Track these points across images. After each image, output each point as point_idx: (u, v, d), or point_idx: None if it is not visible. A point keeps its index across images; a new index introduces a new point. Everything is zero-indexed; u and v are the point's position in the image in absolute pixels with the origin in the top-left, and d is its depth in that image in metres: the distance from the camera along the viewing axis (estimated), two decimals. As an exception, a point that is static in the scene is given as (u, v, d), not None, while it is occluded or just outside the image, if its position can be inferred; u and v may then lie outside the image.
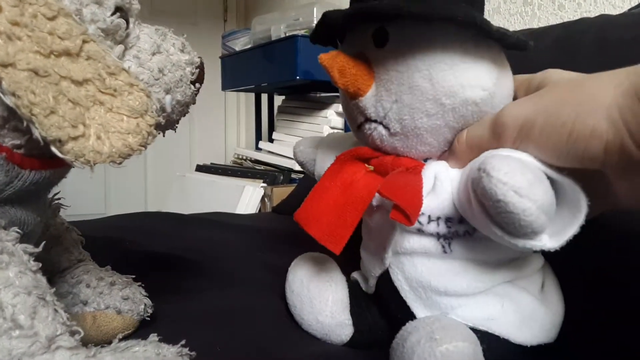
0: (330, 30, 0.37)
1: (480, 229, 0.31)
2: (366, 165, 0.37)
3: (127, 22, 0.32)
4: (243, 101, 2.48)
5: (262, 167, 1.53)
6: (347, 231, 0.34)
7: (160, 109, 0.33)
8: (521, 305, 0.34)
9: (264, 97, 1.91)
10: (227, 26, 2.44)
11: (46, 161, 0.31)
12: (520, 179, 0.26)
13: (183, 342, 0.32)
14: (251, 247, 0.64)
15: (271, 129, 1.80)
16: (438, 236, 0.33)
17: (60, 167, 0.32)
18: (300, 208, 0.36)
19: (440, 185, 0.33)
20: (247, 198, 1.34)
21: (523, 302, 0.34)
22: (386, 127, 0.34)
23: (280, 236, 0.71)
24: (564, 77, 0.31)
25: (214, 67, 1.78)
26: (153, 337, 0.31)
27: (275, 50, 1.37)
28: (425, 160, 0.36)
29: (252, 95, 1.97)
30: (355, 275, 0.43)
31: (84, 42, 0.28)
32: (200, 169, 1.72)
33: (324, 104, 1.40)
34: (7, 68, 0.24)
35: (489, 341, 0.32)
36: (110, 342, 0.33)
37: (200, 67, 0.35)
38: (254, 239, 0.69)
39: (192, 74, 0.34)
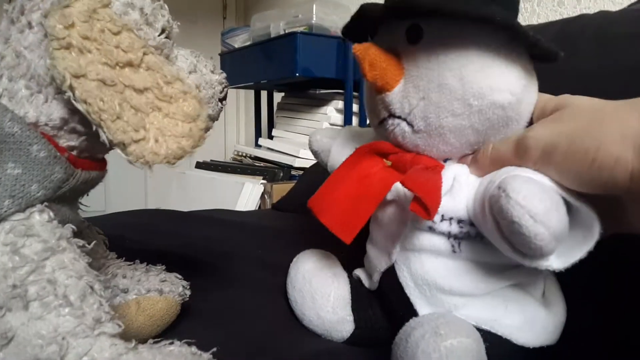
0: (363, 24, 0.37)
1: (490, 240, 0.31)
2: (384, 160, 0.37)
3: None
4: (242, 98, 2.48)
5: (262, 164, 1.53)
6: (360, 222, 0.34)
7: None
8: (524, 307, 0.34)
9: (264, 94, 1.91)
10: (227, 23, 2.43)
11: (94, 163, 0.33)
12: (538, 205, 0.26)
13: (215, 349, 0.33)
14: (251, 244, 0.64)
15: (271, 125, 1.80)
16: (449, 235, 0.33)
17: (103, 170, 0.35)
18: (315, 196, 0.36)
19: (459, 188, 0.33)
20: (246, 195, 1.34)
21: (526, 304, 0.34)
22: (410, 124, 0.34)
23: (280, 233, 0.71)
24: (583, 102, 0.30)
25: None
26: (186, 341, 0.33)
27: (275, 47, 1.37)
28: (445, 160, 0.36)
29: (251, 92, 1.96)
30: (357, 272, 0.43)
31: (144, 54, 0.30)
32: (200, 165, 1.71)
33: (323, 101, 1.40)
34: (80, 78, 0.27)
35: (492, 340, 0.32)
36: (158, 327, 0.38)
37: (227, 86, 0.38)
38: (254, 236, 0.69)
39: (221, 92, 0.37)
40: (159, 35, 0.32)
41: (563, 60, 0.32)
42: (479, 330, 0.32)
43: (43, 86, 0.29)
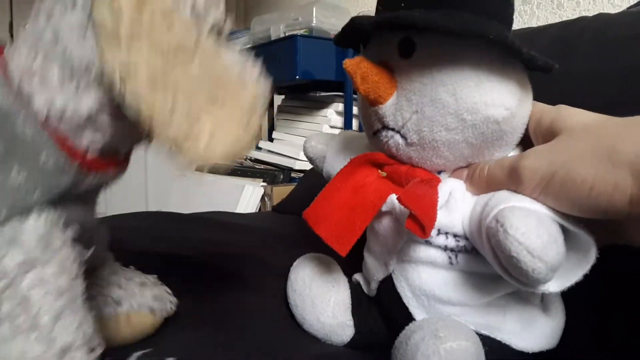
0: (355, 34, 0.36)
1: (495, 268, 0.31)
2: (379, 171, 0.37)
3: None
4: (243, 101, 2.48)
5: (262, 166, 1.53)
6: (355, 234, 0.34)
7: None
8: (523, 314, 0.34)
9: (264, 97, 1.91)
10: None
11: (113, 162, 0.31)
12: (536, 240, 0.26)
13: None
14: (251, 246, 0.64)
15: (271, 128, 1.80)
16: (446, 248, 0.33)
17: (124, 167, 0.33)
18: (310, 207, 0.36)
19: (455, 203, 0.33)
20: (247, 197, 1.34)
21: (525, 311, 0.34)
22: (403, 137, 0.34)
23: (280, 236, 0.71)
24: (579, 121, 0.30)
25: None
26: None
27: (275, 50, 1.37)
28: (439, 172, 0.36)
29: (251, 95, 1.96)
30: (357, 277, 0.43)
31: (197, 44, 0.27)
32: (201, 168, 1.72)
33: (323, 103, 1.40)
34: (130, 74, 0.24)
35: (491, 344, 0.32)
36: (136, 340, 0.37)
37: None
38: (254, 238, 0.69)
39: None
40: (210, 29, 0.29)
41: (562, 63, 0.32)
42: (478, 335, 0.32)
43: (76, 74, 0.26)
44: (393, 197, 0.34)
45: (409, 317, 0.35)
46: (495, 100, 0.31)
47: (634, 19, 0.57)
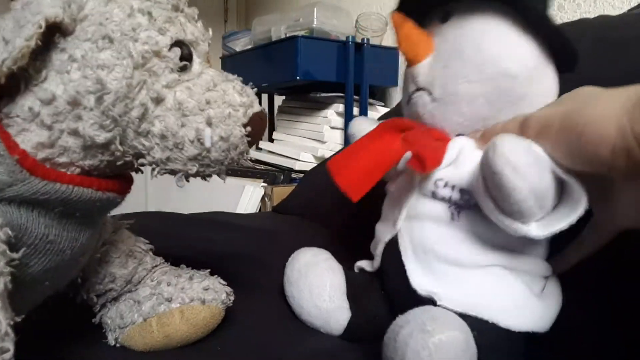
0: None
1: (479, 202, 0.33)
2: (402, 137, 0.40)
3: (190, 58, 0.33)
4: (243, 101, 2.48)
5: (263, 167, 1.53)
6: (369, 182, 0.36)
7: (197, 141, 0.32)
8: (514, 291, 0.35)
9: (264, 97, 1.91)
10: (228, 27, 2.44)
11: (84, 179, 0.31)
12: (521, 158, 0.28)
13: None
14: (251, 246, 0.64)
15: (271, 128, 1.80)
16: (450, 202, 0.36)
17: (112, 191, 0.33)
18: (334, 157, 0.39)
19: (463, 159, 0.35)
20: (247, 197, 1.34)
21: (517, 289, 0.35)
22: (430, 93, 0.37)
23: (280, 236, 0.71)
24: (585, 90, 0.33)
25: (214, 67, 1.78)
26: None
27: (276, 50, 1.37)
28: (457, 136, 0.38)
29: (252, 96, 1.97)
30: (359, 263, 0.45)
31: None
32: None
33: (324, 104, 1.40)
34: None
35: (479, 327, 0.32)
36: (202, 334, 0.39)
37: (259, 115, 0.34)
38: (254, 238, 0.70)
39: (244, 116, 0.33)
40: (171, 46, 0.31)
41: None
42: (466, 317, 0.32)
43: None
44: (409, 155, 0.37)
45: (404, 279, 0.37)
46: (514, 54, 0.35)
47: (635, 20, 0.57)
